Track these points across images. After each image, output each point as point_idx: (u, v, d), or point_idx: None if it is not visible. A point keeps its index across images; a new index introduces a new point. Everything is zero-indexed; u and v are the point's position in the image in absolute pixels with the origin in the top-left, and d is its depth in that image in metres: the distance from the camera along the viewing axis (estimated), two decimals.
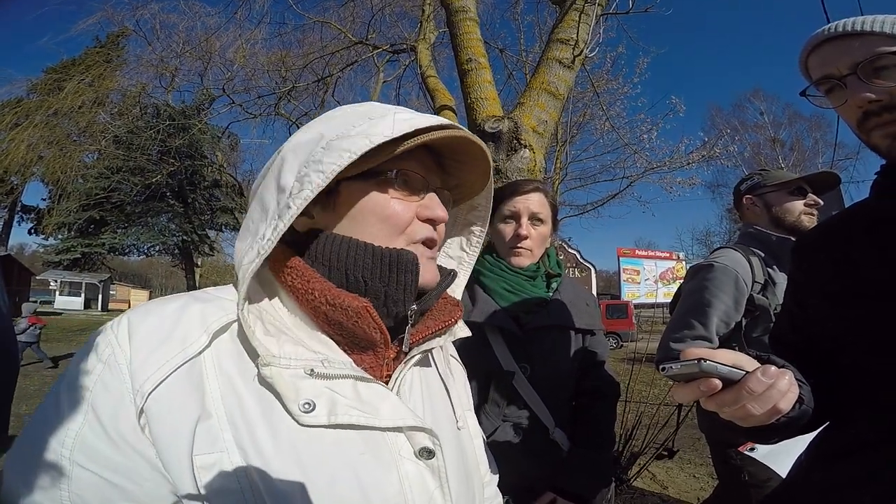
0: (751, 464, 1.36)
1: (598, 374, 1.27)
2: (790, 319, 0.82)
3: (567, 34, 2.67)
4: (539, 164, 2.41)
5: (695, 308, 1.45)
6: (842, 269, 0.71)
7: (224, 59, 9.47)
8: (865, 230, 0.70)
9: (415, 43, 4.72)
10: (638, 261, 21.45)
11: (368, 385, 0.49)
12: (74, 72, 14.62)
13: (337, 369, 0.47)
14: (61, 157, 13.77)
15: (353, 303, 0.48)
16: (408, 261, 0.52)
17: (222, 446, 0.41)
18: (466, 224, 0.71)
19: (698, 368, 0.53)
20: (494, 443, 1.16)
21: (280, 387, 0.43)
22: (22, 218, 26.19)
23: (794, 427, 0.63)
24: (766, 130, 24.11)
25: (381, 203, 0.53)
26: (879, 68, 0.64)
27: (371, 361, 0.53)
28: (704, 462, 3.61)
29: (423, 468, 0.49)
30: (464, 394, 0.72)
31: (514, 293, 1.23)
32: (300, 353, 0.46)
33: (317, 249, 0.52)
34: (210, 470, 0.40)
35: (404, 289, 0.52)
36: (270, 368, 0.44)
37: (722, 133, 12.89)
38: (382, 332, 0.51)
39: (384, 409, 0.48)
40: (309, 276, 0.50)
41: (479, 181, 0.64)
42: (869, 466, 0.62)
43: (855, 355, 0.67)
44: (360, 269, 0.51)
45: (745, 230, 1.63)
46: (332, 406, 0.45)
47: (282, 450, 0.42)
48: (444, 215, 0.56)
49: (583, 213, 13.71)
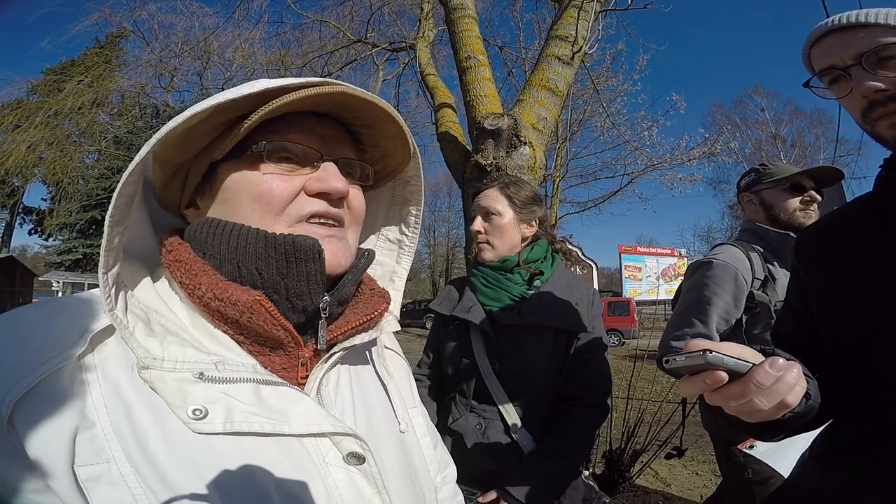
0: (754, 461, 1.36)
1: (580, 379, 1.21)
2: (793, 315, 0.81)
3: (566, 31, 2.66)
4: (539, 160, 2.40)
5: (695, 305, 1.44)
6: (845, 263, 0.70)
7: (223, 58, 9.49)
8: (869, 224, 0.70)
9: (414, 41, 4.70)
10: (639, 258, 21.45)
11: (276, 389, 0.44)
12: (74, 73, 14.65)
13: (234, 372, 0.43)
14: (62, 157, 13.80)
15: (243, 296, 0.44)
16: (307, 247, 0.46)
17: (108, 456, 0.36)
18: (403, 201, 0.64)
19: (703, 360, 0.51)
20: (455, 431, 1.20)
21: (163, 392, 0.39)
22: (23, 219, 26.24)
23: (799, 423, 0.61)
24: (767, 127, 24.07)
25: (254, 180, 0.47)
26: (885, 58, 0.64)
27: (283, 362, 0.48)
28: (708, 459, 3.60)
29: (356, 475, 0.45)
30: (408, 391, 0.67)
31: (492, 288, 1.27)
32: (189, 354, 0.42)
33: (202, 239, 0.47)
34: (98, 482, 0.36)
35: (307, 280, 0.46)
36: (150, 372, 0.40)
37: (723, 130, 12.87)
38: (286, 328, 0.46)
39: (295, 414, 0.44)
40: (197, 269, 0.45)
41: (402, 149, 0.56)
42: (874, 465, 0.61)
43: (858, 351, 0.66)
44: (252, 260, 0.46)
45: (745, 226, 1.63)
46: (228, 413, 0.40)
47: (179, 460, 0.38)
48: (341, 187, 0.49)
49: (584, 210, 13.73)
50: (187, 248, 0.48)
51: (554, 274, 1.29)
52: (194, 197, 0.52)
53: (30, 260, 31.23)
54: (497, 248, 1.28)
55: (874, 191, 0.73)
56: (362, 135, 0.55)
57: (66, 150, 13.75)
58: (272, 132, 0.48)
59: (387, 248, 0.66)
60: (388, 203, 0.66)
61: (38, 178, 18.62)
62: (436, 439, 0.73)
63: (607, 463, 3.09)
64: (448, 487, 0.69)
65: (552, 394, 1.23)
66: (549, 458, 1.15)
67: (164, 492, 0.37)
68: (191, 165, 0.51)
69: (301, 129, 0.50)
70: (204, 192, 0.51)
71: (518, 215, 1.29)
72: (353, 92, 0.47)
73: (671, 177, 11.67)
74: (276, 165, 0.48)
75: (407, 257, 0.65)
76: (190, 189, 0.52)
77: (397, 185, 0.64)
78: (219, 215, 0.49)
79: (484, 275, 1.29)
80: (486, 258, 1.29)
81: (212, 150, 0.49)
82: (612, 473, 3.02)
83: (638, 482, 3.14)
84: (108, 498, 0.35)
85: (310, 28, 7.46)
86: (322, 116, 0.52)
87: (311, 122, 0.51)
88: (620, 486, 3.02)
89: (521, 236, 1.30)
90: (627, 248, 21.58)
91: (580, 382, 1.21)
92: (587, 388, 1.21)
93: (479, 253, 1.31)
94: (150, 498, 0.36)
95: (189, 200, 0.53)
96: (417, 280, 37.65)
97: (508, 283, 1.26)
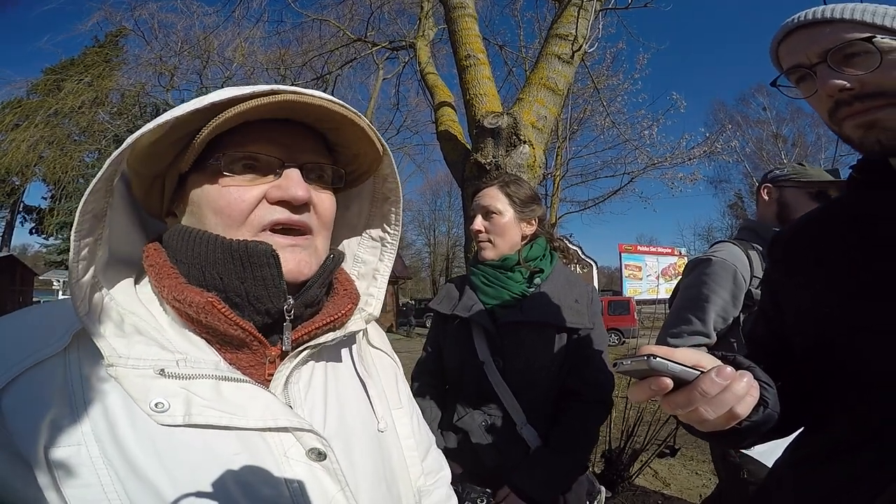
0: (750, 461, 1.35)
1: (581, 375, 1.23)
2: (765, 319, 0.80)
3: (566, 29, 2.66)
4: (539, 159, 2.40)
5: (692, 303, 1.44)
6: (818, 266, 0.69)
7: (222, 57, 9.48)
8: (843, 225, 0.68)
9: (414, 40, 4.70)
10: (640, 257, 21.45)
11: (237, 385, 0.46)
12: (74, 72, 14.64)
13: (194, 369, 0.45)
14: (62, 156, 13.81)
15: (197, 298, 0.46)
16: (261, 253, 0.47)
17: (79, 439, 0.40)
18: (384, 198, 0.64)
19: (647, 365, 0.49)
20: (460, 429, 1.20)
21: (127, 387, 0.42)
22: (24, 218, 26.24)
23: (757, 432, 0.58)
24: (768, 126, 24.04)
25: (213, 194, 0.49)
26: (850, 55, 0.61)
27: (249, 360, 0.50)
28: (706, 459, 3.60)
29: (319, 470, 0.46)
30: (393, 391, 0.67)
31: (491, 286, 1.27)
32: (153, 353, 0.44)
33: (174, 246, 0.50)
34: (67, 463, 0.39)
35: (265, 284, 0.48)
36: (115, 369, 0.43)
37: (723, 128, 12.86)
38: (244, 328, 0.48)
39: (253, 408, 0.45)
40: (164, 273, 0.48)
41: (371, 148, 0.55)
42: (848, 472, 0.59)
43: (831, 355, 0.64)
44: (213, 266, 0.48)
45: (745, 224, 1.62)
46: (187, 406, 0.43)
47: (143, 446, 0.41)
48: (300, 195, 0.49)
49: (584, 209, 13.73)
50: (162, 253, 0.50)
51: (553, 272, 1.30)
52: (171, 206, 0.54)
53: (30, 259, 31.26)
54: (498, 246, 1.28)
55: (846, 193, 0.72)
56: (330, 137, 0.55)
57: (66, 149, 13.76)
58: (231, 144, 0.49)
59: (370, 246, 0.66)
60: (370, 200, 0.66)
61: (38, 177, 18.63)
62: (428, 442, 0.72)
63: (606, 462, 3.09)
64: (440, 492, 0.69)
65: (554, 390, 1.24)
66: (555, 453, 1.16)
67: (128, 474, 0.40)
68: (165, 177, 0.53)
69: (261, 137, 0.50)
70: (177, 202, 0.53)
71: (518, 214, 1.29)
72: (303, 99, 0.46)
73: (671, 176, 11.65)
74: (238, 176, 0.49)
75: (389, 255, 0.65)
76: (167, 199, 0.54)
77: (377, 180, 0.63)
78: (191, 224, 0.51)
79: (484, 273, 1.29)
80: (487, 257, 1.29)
81: (178, 162, 0.50)
82: (611, 473, 3.02)
83: (637, 482, 3.14)
84: (74, 478, 0.39)
85: (310, 27, 7.46)
86: (286, 122, 0.51)
87: (271, 130, 0.50)
88: (619, 485, 3.02)
89: (521, 235, 1.30)
90: (628, 247, 21.57)
91: (581, 378, 1.23)
92: (588, 384, 1.22)
93: (480, 252, 1.31)
94: (114, 478, 0.39)
95: (167, 209, 0.55)
96: (418, 279, 37.69)
97: (509, 281, 1.27)
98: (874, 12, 0.61)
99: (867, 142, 0.62)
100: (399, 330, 19.87)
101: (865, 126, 0.61)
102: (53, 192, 20.27)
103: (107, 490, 0.39)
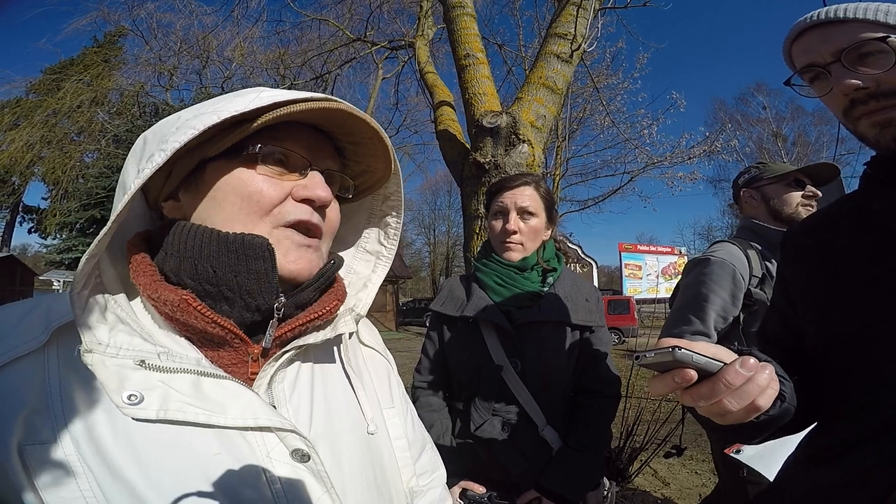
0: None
1: (595, 373, 1.22)
2: (777, 315, 0.80)
3: (565, 29, 2.65)
4: (538, 158, 2.40)
5: (692, 303, 1.44)
6: (830, 262, 0.69)
7: (222, 57, 9.47)
8: (855, 222, 0.69)
9: (413, 39, 4.70)
10: (640, 256, 21.44)
11: (218, 382, 0.46)
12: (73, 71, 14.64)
13: (176, 363, 0.44)
14: (61, 156, 13.81)
15: (171, 295, 0.45)
16: (256, 246, 0.47)
17: (54, 436, 0.39)
18: (383, 215, 0.66)
19: (672, 357, 0.49)
20: (481, 438, 1.15)
21: (101, 376, 0.41)
22: (24, 218, 26.25)
23: (774, 426, 0.59)
24: (768, 125, 24.04)
25: (245, 180, 0.49)
26: (864, 55, 0.62)
27: (231, 358, 0.49)
28: (706, 458, 3.60)
29: (303, 472, 0.46)
30: (385, 391, 0.66)
31: (506, 287, 1.23)
32: (135, 343, 0.44)
33: (169, 240, 0.49)
34: (42, 460, 0.39)
35: (258, 278, 0.48)
36: (92, 356, 0.41)
37: (723, 128, 12.86)
38: (224, 325, 0.47)
39: (233, 406, 0.44)
40: (141, 270, 0.47)
41: (384, 167, 0.58)
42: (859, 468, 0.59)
43: (844, 349, 0.65)
44: (207, 259, 0.47)
45: (743, 224, 1.62)
46: (163, 401, 0.42)
47: (120, 443, 0.40)
48: (325, 196, 0.51)
49: (584, 208, 13.75)
50: (140, 249, 0.50)
51: (563, 271, 1.30)
52: (177, 190, 0.53)
53: (30, 259, 31.26)
54: (528, 249, 1.25)
55: (859, 189, 0.72)
56: (347, 150, 0.58)
57: (65, 148, 13.75)
58: (268, 137, 0.50)
59: (364, 259, 0.67)
60: (367, 217, 0.67)
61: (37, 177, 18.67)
62: (423, 442, 0.72)
63: (606, 462, 3.09)
64: (434, 492, 0.69)
65: (570, 389, 1.23)
66: (583, 450, 1.15)
67: (105, 474, 0.39)
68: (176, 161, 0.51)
69: (294, 137, 0.52)
70: (189, 187, 0.52)
71: (547, 217, 1.28)
72: (350, 111, 0.50)
73: (671, 175, 11.67)
74: (269, 168, 0.51)
75: (383, 267, 0.66)
76: (174, 183, 0.53)
77: (375, 200, 0.66)
78: (202, 211, 0.50)
79: (497, 273, 1.24)
80: (514, 259, 1.24)
81: (204, 148, 0.50)
82: (610, 472, 3.03)
83: (636, 481, 3.14)
84: (51, 477, 0.38)
85: (309, 26, 7.45)
86: (312, 128, 0.54)
87: (303, 132, 0.53)
88: (619, 485, 3.02)
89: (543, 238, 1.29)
90: (627, 246, 21.56)
91: (597, 376, 1.23)
92: (604, 381, 1.23)
93: (505, 252, 1.25)
94: (90, 478, 0.39)
95: (170, 193, 0.53)
96: (418, 278, 37.67)
97: (525, 281, 1.24)
98: (888, 12, 0.62)
99: (883, 140, 0.63)
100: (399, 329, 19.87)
101: (881, 124, 0.63)
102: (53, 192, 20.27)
103: (83, 489, 0.38)
